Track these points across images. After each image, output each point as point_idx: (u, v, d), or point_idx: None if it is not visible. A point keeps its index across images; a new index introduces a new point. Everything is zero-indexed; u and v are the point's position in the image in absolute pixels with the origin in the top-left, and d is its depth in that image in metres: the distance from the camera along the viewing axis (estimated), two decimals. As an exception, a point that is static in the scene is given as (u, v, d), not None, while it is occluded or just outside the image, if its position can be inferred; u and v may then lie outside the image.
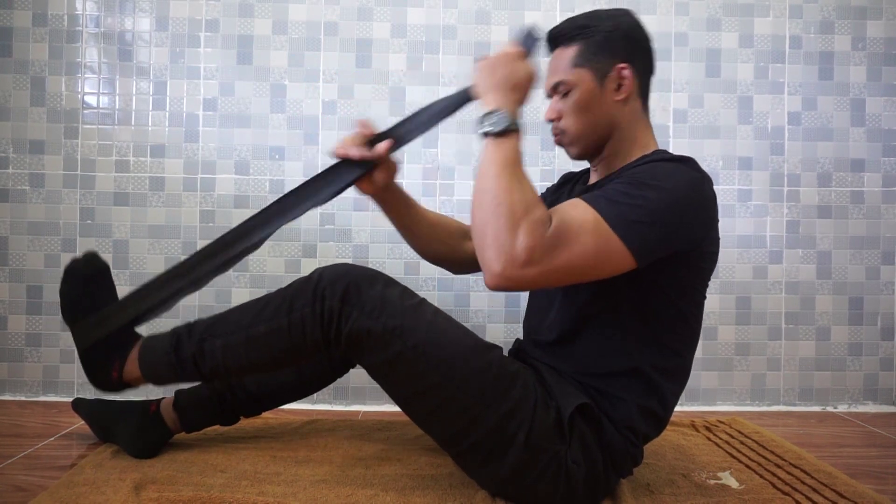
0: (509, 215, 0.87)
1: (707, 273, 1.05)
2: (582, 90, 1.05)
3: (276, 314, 1.03)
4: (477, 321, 1.80)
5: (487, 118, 0.96)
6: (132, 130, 1.76)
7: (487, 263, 0.88)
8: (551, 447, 0.97)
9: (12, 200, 1.74)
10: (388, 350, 0.98)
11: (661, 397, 1.02)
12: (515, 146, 0.95)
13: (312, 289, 1.01)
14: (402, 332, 0.97)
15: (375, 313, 0.98)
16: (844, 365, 1.82)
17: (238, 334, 1.05)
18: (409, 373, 0.98)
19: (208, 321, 1.09)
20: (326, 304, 0.99)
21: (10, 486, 1.10)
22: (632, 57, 1.06)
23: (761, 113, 1.82)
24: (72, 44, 1.75)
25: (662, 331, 1.01)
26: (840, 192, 1.82)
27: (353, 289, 0.99)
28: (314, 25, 1.78)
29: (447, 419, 0.99)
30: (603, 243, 0.88)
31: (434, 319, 1.01)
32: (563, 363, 1.05)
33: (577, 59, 1.05)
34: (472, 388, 0.97)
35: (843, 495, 1.09)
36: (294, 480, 1.12)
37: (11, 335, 1.74)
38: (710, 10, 1.82)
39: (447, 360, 0.97)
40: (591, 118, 1.07)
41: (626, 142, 1.08)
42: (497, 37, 1.80)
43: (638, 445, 1.03)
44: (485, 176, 0.92)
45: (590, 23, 1.06)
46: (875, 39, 1.82)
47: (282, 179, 1.77)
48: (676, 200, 0.92)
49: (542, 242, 0.86)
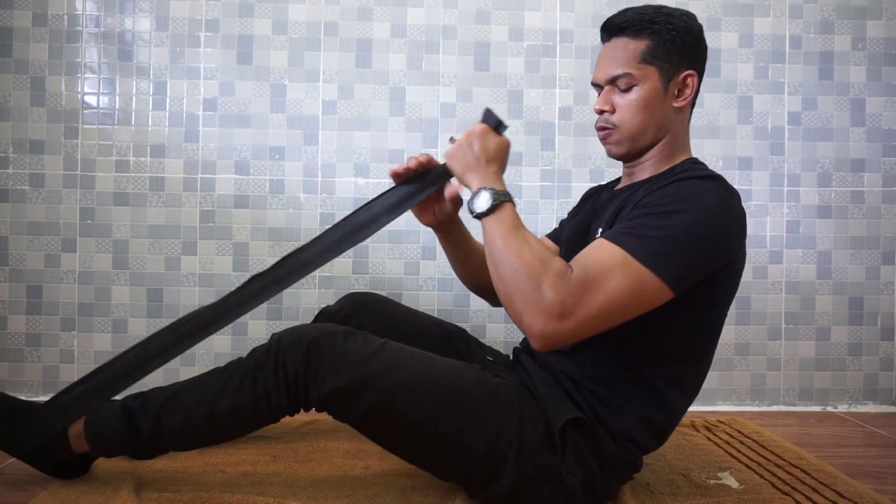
0: (529, 277, 0.87)
1: (732, 290, 1.02)
2: (647, 88, 1.01)
3: (239, 387, 0.98)
4: (477, 321, 1.80)
5: (474, 201, 0.96)
6: (132, 130, 1.76)
7: (527, 329, 0.88)
8: (544, 462, 0.96)
9: (12, 200, 1.74)
10: (362, 402, 0.96)
11: (665, 409, 1.00)
12: (511, 213, 0.95)
13: (273, 357, 0.98)
14: (370, 380, 0.95)
15: (341, 369, 0.95)
16: (844, 365, 1.82)
17: (199, 409, 1.00)
18: (388, 419, 0.97)
19: (163, 395, 1.03)
20: (290, 371, 0.96)
21: (10, 486, 1.10)
22: (698, 65, 1.04)
23: (761, 113, 1.82)
24: (72, 44, 1.75)
25: (676, 343, 0.99)
26: (840, 192, 1.82)
27: (314, 348, 0.96)
28: (314, 25, 1.78)
29: (437, 454, 0.98)
30: (636, 281, 0.87)
31: (400, 359, 0.99)
32: (570, 367, 1.04)
33: (647, 54, 1.01)
34: (453, 418, 0.96)
35: (843, 495, 1.09)
36: (294, 480, 1.12)
37: (11, 335, 1.74)
38: (711, 9, 1.82)
39: (422, 397, 0.96)
40: (648, 119, 1.03)
41: (669, 150, 1.06)
42: (497, 37, 1.80)
43: (637, 454, 1.01)
44: (493, 252, 0.93)
45: (663, 19, 1.01)
46: (875, 39, 1.82)
47: (282, 179, 1.77)
48: (706, 224, 0.90)
49: (569, 294, 0.86)
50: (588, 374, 1.02)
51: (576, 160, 1.81)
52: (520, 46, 1.80)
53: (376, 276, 1.79)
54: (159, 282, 1.76)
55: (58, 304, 1.75)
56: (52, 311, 1.74)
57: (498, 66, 1.80)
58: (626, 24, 1.02)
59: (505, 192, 0.97)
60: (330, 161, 1.79)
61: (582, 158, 1.81)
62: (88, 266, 1.75)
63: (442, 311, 1.78)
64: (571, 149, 1.81)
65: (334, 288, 1.78)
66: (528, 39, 1.81)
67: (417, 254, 1.78)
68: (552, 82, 1.81)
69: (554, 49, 1.81)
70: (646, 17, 1.02)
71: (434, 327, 1.28)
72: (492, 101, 1.79)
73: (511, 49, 1.80)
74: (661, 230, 0.89)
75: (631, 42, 1.02)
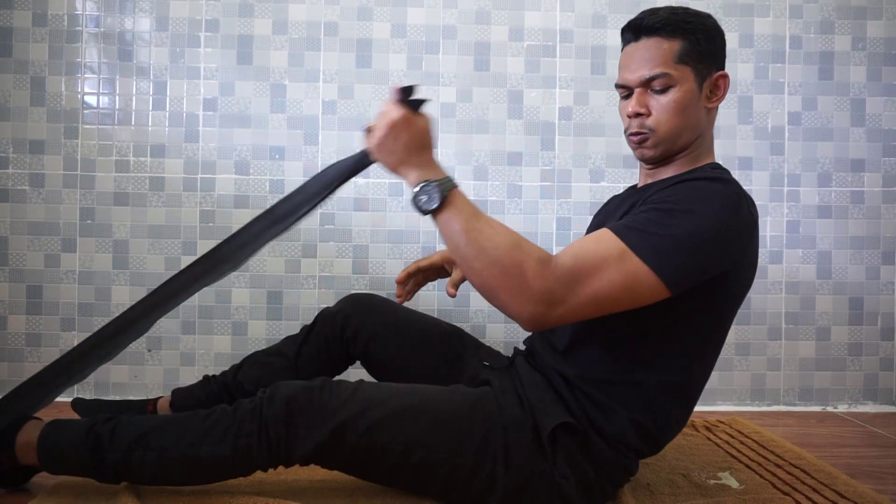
0: (509, 267, 0.85)
1: (739, 299, 1.01)
2: (685, 89, 0.99)
3: (222, 439, 0.96)
4: (477, 321, 1.80)
5: (419, 198, 0.90)
6: (132, 130, 1.76)
7: (515, 314, 0.87)
8: (535, 468, 0.95)
9: (12, 200, 1.74)
10: (344, 448, 0.95)
11: (658, 416, 0.99)
12: (463, 200, 0.91)
13: (258, 416, 0.96)
14: (347, 426, 0.95)
15: (318, 423, 0.95)
16: (844, 365, 1.82)
17: (174, 451, 0.97)
18: (371, 457, 0.97)
19: (137, 428, 0.99)
20: (272, 433, 0.95)
21: (9, 486, 1.10)
22: (724, 66, 1.04)
23: (761, 113, 1.82)
24: (72, 44, 1.75)
25: (675, 349, 0.98)
26: (840, 192, 1.82)
27: (292, 406, 0.95)
28: (314, 25, 1.78)
29: (428, 479, 0.98)
30: (631, 275, 0.86)
31: (373, 397, 0.98)
32: (565, 367, 1.03)
33: (684, 55, 0.99)
34: (434, 442, 0.96)
35: (843, 495, 1.09)
36: (294, 480, 1.12)
37: (11, 335, 1.74)
38: (711, 10, 1.81)
39: (400, 430, 0.96)
40: (685, 121, 1.00)
41: (696, 151, 1.04)
42: (497, 37, 1.80)
43: (630, 458, 1.00)
44: (460, 248, 0.88)
45: (695, 20, 1.00)
46: (875, 39, 1.82)
47: (282, 179, 1.77)
48: (711, 227, 0.89)
49: (556, 281, 0.85)
50: (582, 375, 1.01)
51: (576, 160, 1.81)
52: (520, 46, 1.80)
53: (376, 276, 1.79)
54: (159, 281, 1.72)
55: (58, 304, 1.74)
56: (52, 311, 1.74)
57: (498, 66, 1.80)
58: (660, 24, 0.99)
59: (448, 178, 0.91)
60: (330, 161, 1.78)
61: (582, 158, 1.81)
62: (88, 266, 1.75)
63: (442, 312, 1.78)
64: (571, 149, 1.81)
65: (334, 288, 1.78)
66: (528, 39, 1.81)
67: (417, 254, 1.78)
68: (552, 82, 1.81)
69: (554, 49, 1.81)
70: (679, 17, 1.00)
71: (433, 328, 1.27)
72: (492, 101, 1.79)
73: (511, 49, 1.80)
74: (665, 228, 0.88)
75: (665, 42, 0.99)
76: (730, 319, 1.03)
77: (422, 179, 0.91)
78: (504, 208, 1.80)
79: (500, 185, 1.80)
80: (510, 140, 1.81)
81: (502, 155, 1.80)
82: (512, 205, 1.80)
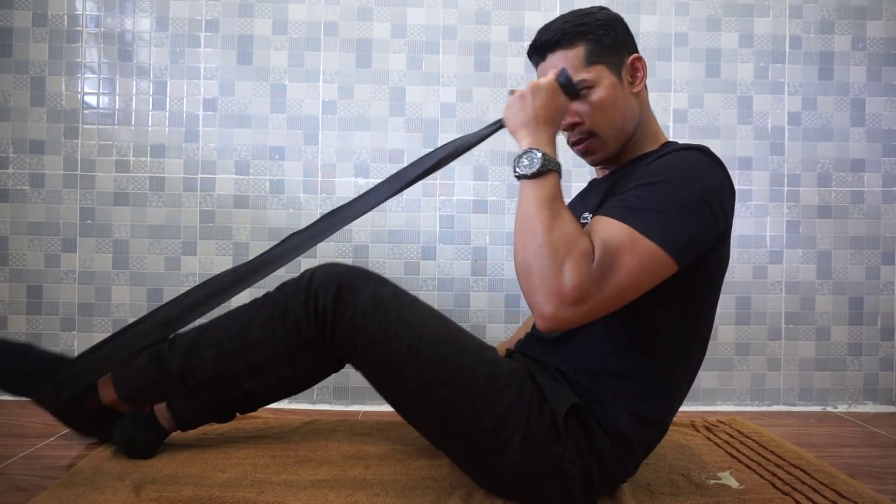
0: (552, 255, 0.85)
1: (718, 279, 1.02)
2: (606, 85, 1.03)
3: (269, 318, 1.00)
4: (477, 321, 1.80)
5: (521, 160, 0.93)
6: (132, 130, 1.76)
7: (537, 308, 0.86)
8: (547, 449, 0.96)
9: (12, 200, 1.74)
10: (382, 351, 0.97)
11: (655, 402, 1.00)
12: (553, 183, 0.92)
13: (305, 289, 0.99)
14: (396, 332, 0.96)
15: (369, 313, 0.97)
16: (844, 365, 1.82)
17: (229, 343, 1.01)
18: (402, 373, 0.97)
19: (191, 335, 1.05)
20: (320, 304, 0.97)
21: (10, 486, 1.10)
22: (635, 48, 1.07)
23: (761, 113, 1.82)
24: (72, 44, 1.75)
25: (664, 333, 0.99)
26: (840, 192, 1.82)
27: (347, 288, 0.98)
28: (314, 25, 1.78)
29: (440, 420, 0.99)
30: (645, 256, 0.86)
31: (427, 319, 1.00)
32: (561, 360, 1.04)
33: (591, 56, 1.02)
34: (465, 389, 0.96)
35: (843, 495, 1.09)
36: (294, 480, 1.12)
37: (11, 335, 1.73)
38: (710, 10, 1.82)
39: (440, 362, 0.97)
40: (619, 113, 1.04)
41: (643, 135, 1.07)
42: (497, 37, 1.80)
43: (632, 452, 1.00)
44: (523, 217, 0.90)
45: (585, 20, 1.03)
46: (875, 39, 1.82)
47: (282, 179, 1.77)
48: (701, 191, 0.90)
49: (589, 277, 0.84)
50: (574, 367, 1.01)
51: (576, 160, 1.80)
52: (520, 46, 1.80)
53: (376, 276, 1.79)
54: (159, 282, 1.76)
55: (58, 304, 1.75)
56: (52, 311, 1.74)
57: (498, 66, 1.80)
58: (557, 36, 1.03)
59: (555, 161, 0.94)
60: (330, 161, 1.79)
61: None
62: (88, 266, 1.75)
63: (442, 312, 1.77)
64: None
65: (334, 288, 1.77)
66: (528, 39, 1.80)
67: (417, 254, 1.78)
68: (552, 82, 1.81)
69: (554, 49, 1.80)
70: (572, 24, 1.03)
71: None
72: (492, 101, 1.79)
73: (511, 49, 1.80)
74: (660, 202, 0.88)
75: (569, 51, 1.03)
76: (718, 289, 1.04)
77: (534, 146, 0.94)
78: (504, 208, 1.80)
79: (500, 185, 1.80)
80: (510, 140, 1.80)
81: (502, 155, 1.80)
82: (512, 205, 1.80)
